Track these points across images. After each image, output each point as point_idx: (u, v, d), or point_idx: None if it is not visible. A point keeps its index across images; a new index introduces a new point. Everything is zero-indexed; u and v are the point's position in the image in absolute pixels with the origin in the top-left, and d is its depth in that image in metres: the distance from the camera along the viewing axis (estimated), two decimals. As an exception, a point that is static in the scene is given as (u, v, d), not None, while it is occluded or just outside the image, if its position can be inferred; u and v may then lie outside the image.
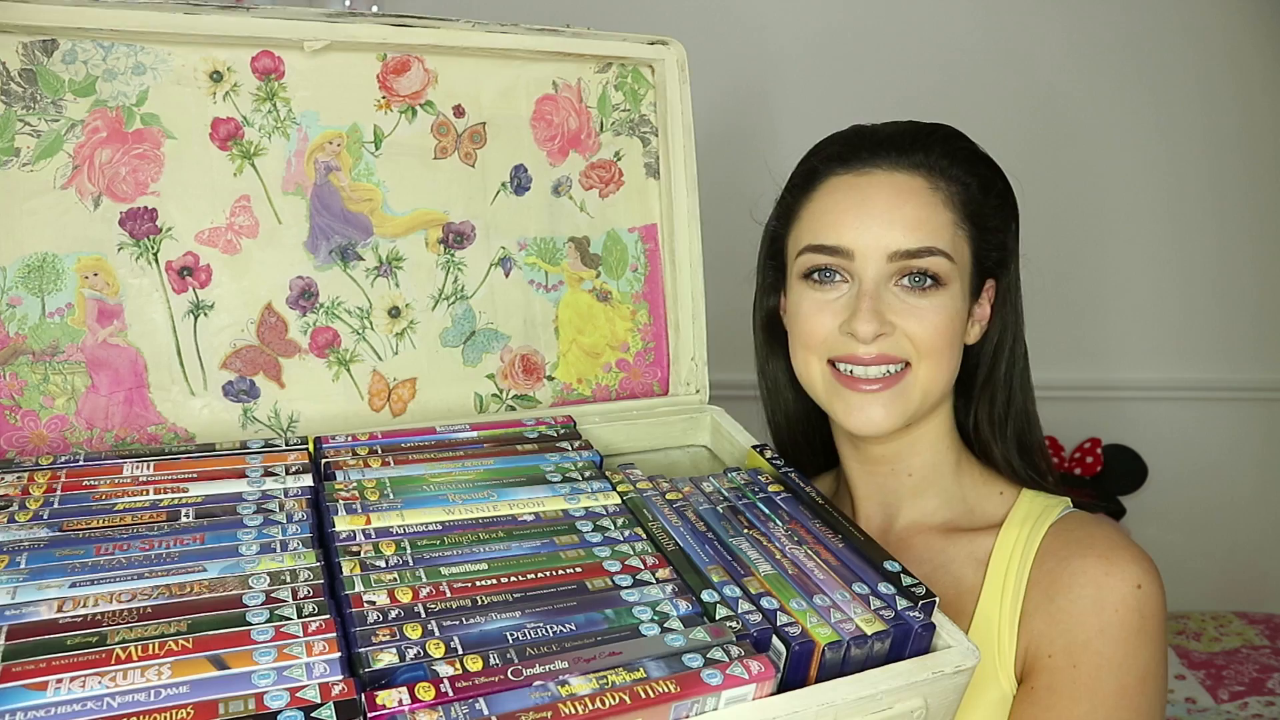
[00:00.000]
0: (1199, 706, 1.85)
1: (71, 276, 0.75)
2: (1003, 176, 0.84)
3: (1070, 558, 0.77)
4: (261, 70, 0.79)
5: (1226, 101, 2.07)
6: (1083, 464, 2.21)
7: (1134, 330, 2.20)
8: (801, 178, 0.85)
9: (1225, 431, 2.24)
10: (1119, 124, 2.07)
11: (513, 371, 0.90)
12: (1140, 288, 2.17)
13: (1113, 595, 0.74)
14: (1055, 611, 0.76)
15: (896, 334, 0.78)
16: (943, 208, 0.79)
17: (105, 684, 0.48)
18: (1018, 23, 2.01)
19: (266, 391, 0.81)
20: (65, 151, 0.74)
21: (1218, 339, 2.20)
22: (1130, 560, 0.76)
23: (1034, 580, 0.78)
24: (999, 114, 1.99)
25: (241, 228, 0.80)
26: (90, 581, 0.55)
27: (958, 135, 0.83)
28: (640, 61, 0.91)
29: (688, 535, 0.68)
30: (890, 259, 0.77)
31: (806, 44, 1.99)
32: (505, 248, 0.89)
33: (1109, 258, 2.16)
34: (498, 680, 0.51)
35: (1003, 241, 0.83)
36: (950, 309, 0.79)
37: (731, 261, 1.01)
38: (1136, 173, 2.10)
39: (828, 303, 0.80)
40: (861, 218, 0.78)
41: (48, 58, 0.73)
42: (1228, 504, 2.26)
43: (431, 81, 0.84)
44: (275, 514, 0.64)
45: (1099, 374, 2.21)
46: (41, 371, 0.75)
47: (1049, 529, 0.80)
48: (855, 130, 0.84)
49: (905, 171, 0.79)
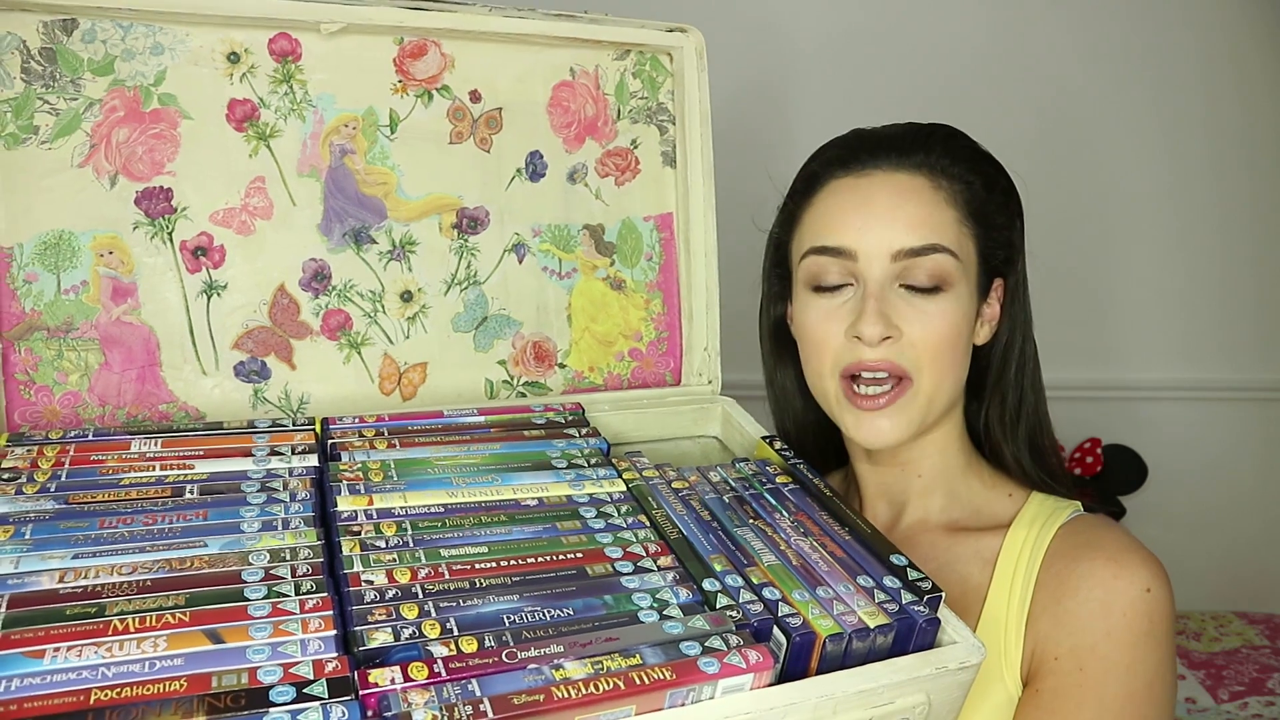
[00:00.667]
0: (1199, 706, 1.84)
1: (87, 254, 0.76)
2: (1005, 174, 0.83)
3: (1079, 560, 0.76)
4: (279, 52, 0.79)
5: (1231, 102, 2.05)
6: (1083, 464, 2.19)
7: (1135, 330, 2.19)
8: (803, 183, 0.85)
9: (1226, 431, 2.22)
10: (1123, 125, 2.06)
11: (524, 358, 0.90)
12: (1141, 288, 2.16)
13: (1121, 599, 0.73)
14: (1062, 614, 0.75)
15: (903, 340, 0.77)
16: (946, 206, 0.78)
17: (101, 654, 0.48)
18: (1026, 24, 2.00)
19: (278, 373, 0.82)
20: (83, 130, 0.75)
21: (1219, 339, 2.19)
22: (1140, 564, 0.75)
23: (1042, 582, 0.77)
24: (1006, 114, 1.98)
25: (256, 209, 0.80)
26: (93, 554, 0.56)
27: (958, 134, 0.83)
28: (658, 49, 0.90)
29: (692, 524, 0.67)
30: (894, 258, 0.76)
31: (821, 42, 1.98)
32: (519, 234, 0.89)
33: (1111, 258, 2.15)
34: (492, 662, 0.51)
35: (1008, 239, 0.82)
36: (956, 312, 0.78)
37: (742, 259, 1.00)
38: (1140, 173, 2.09)
39: (833, 309, 0.79)
40: (864, 218, 0.78)
41: (67, 37, 0.73)
42: (1228, 504, 2.24)
43: (448, 66, 0.84)
44: (279, 492, 0.64)
45: (1099, 374, 2.20)
46: (56, 347, 0.75)
47: (1058, 531, 0.79)
48: (855, 133, 0.84)
49: (906, 171, 0.79)
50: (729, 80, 1.93)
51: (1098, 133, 2.07)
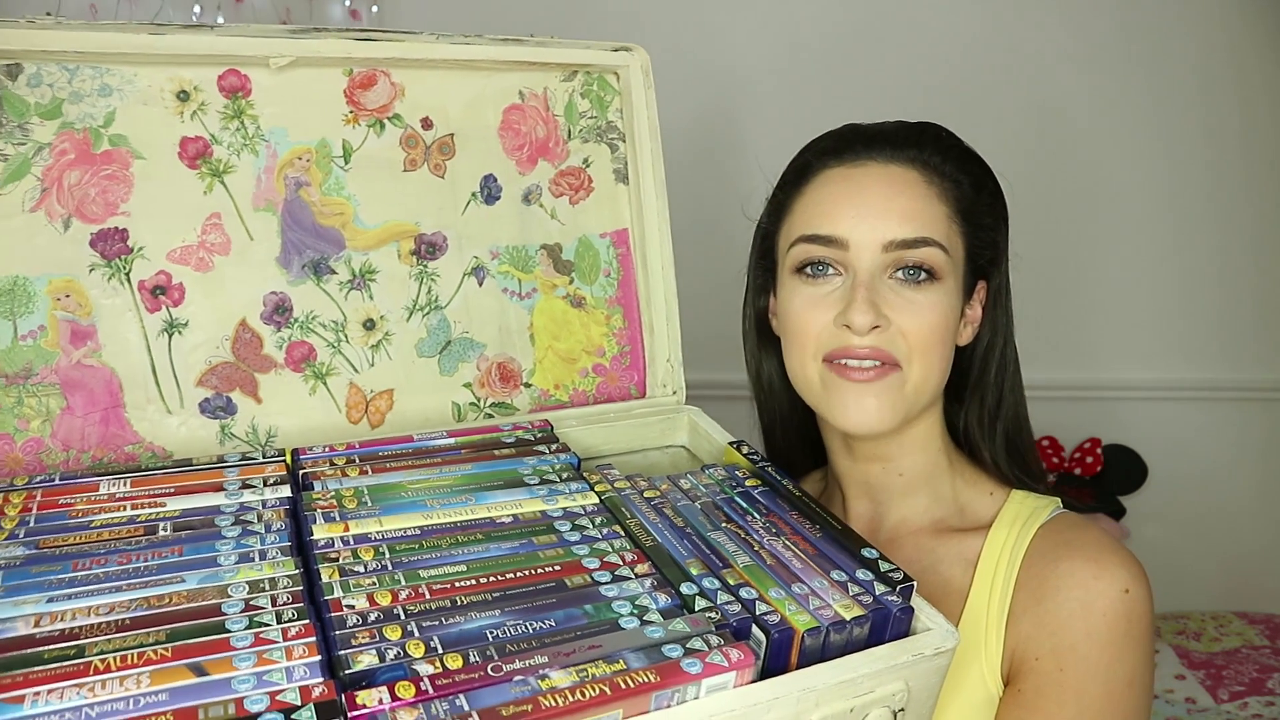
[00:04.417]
0: (1199, 706, 1.85)
1: (43, 299, 0.75)
2: (993, 176, 0.85)
3: (1059, 560, 0.77)
4: (228, 88, 0.79)
5: (1227, 100, 2.08)
6: (1083, 464, 2.21)
7: (1134, 330, 2.21)
8: (794, 173, 0.85)
9: (1225, 431, 2.24)
10: (1119, 123, 2.08)
11: (490, 380, 0.91)
12: (1141, 287, 2.18)
13: (1100, 600, 0.74)
14: (1043, 614, 0.76)
15: (891, 330, 0.77)
16: (937, 201, 0.79)
17: (83, 694, 0.48)
18: (1016, 20, 2.02)
19: (244, 407, 0.82)
20: (34, 174, 0.74)
21: (1218, 339, 2.21)
22: (1119, 564, 0.75)
23: (1021, 582, 0.78)
24: (998, 112, 1.99)
25: (213, 245, 0.80)
26: (68, 596, 0.55)
27: (949, 134, 0.84)
28: (605, 69, 0.92)
29: (666, 531, 0.68)
30: (885, 249, 0.77)
31: (784, 52, 2.00)
32: (478, 257, 0.90)
33: (1109, 257, 2.16)
34: (478, 677, 0.51)
35: (994, 240, 0.84)
36: (944, 305, 0.79)
37: (704, 263, 1.02)
38: (1137, 172, 2.11)
39: (820, 297, 0.80)
40: (856, 208, 0.78)
41: (12, 81, 0.73)
42: (1228, 504, 2.27)
43: (398, 95, 0.85)
44: (254, 525, 0.64)
45: (1099, 374, 2.22)
46: (15, 395, 0.75)
47: (1038, 530, 0.80)
48: (849, 127, 0.85)
49: (900, 164, 0.80)
50: (699, 87, 1.95)
51: (1100, 132, 2.09)
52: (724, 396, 0.98)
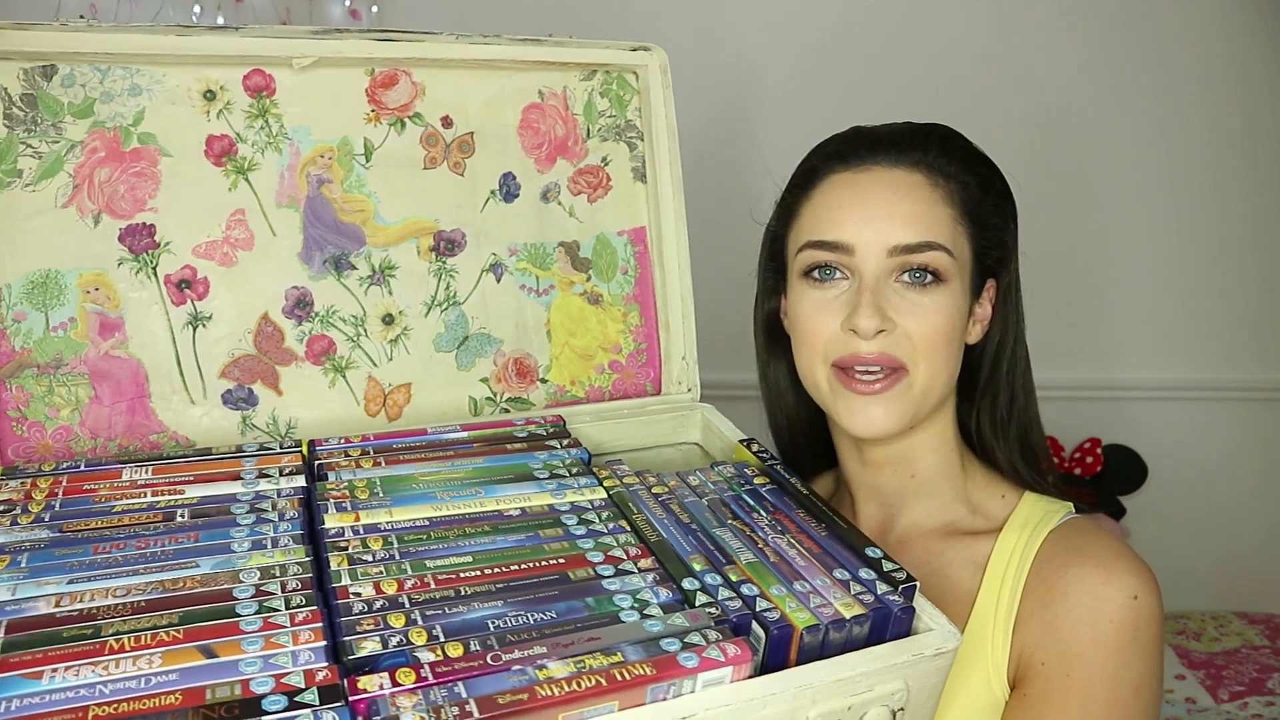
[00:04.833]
0: (1199, 706, 1.84)
1: (74, 291, 0.78)
2: (1000, 175, 0.84)
3: (1068, 566, 0.77)
4: (253, 88, 0.81)
5: (1229, 101, 2.06)
6: (1083, 464, 2.20)
7: (1135, 330, 2.20)
8: (801, 177, 0.86)
9: (1226, 431, 2.23)
10: (1120, 123, 2.07)
11: (506, 375, 0.92)
12: (1141, 287, 2.17)
13: (1108, 606, 0.74)
14: (1051, 620, 0.75)
15: (897, 333, 0.77)
16: (942, 204, 0.79)
17: (98, 673, 0.50)
18: (1021, 23, 2.02)
19: (265, 399, 0.84)
20: (66, 171, 0.77)
21: (1218, 339, 2.20)
22: (1128, 571, 0.75)
23: (1030, 587, 0.77)
24: (1003, 115, 1.99)
25: (237, 241, 0.82)
26: (88, 579, 0.57)
27: (955, 135, 0.84)
28: (624, 68, 0.93)
29: (672, 526, 0.69)
30: (890, 254, 0.78)
31: (824, 42, 2.00)
32: (496, 254, 0.91)
33: (1110, 257, 2.15)
34: (477, 665, 0.52)
35: (1002, 240, 0.83)
36: (950, 307, 0.79)
37: (718, 263, 1.02)
38: (1138, 172, 2.10)
39: (828, 301, 0.80)
40: (861, 212, 0.79)
41: (47, 82, 0.76)
42: (1228, 504, 2.25)
43: (419, 94, 0.87)
44: (268, 513, 0.66)
45: (1099, 374, 2.21)
46: (46, 384, 0.77)
47: (1048, 535, 0.80)
48: (854, 130, 0.85)
49: (904, 168, 0.80)
50: (718, 87, 1.96)
51: (1101, 133, 2.07)
52: (739, 396, 0.99)
